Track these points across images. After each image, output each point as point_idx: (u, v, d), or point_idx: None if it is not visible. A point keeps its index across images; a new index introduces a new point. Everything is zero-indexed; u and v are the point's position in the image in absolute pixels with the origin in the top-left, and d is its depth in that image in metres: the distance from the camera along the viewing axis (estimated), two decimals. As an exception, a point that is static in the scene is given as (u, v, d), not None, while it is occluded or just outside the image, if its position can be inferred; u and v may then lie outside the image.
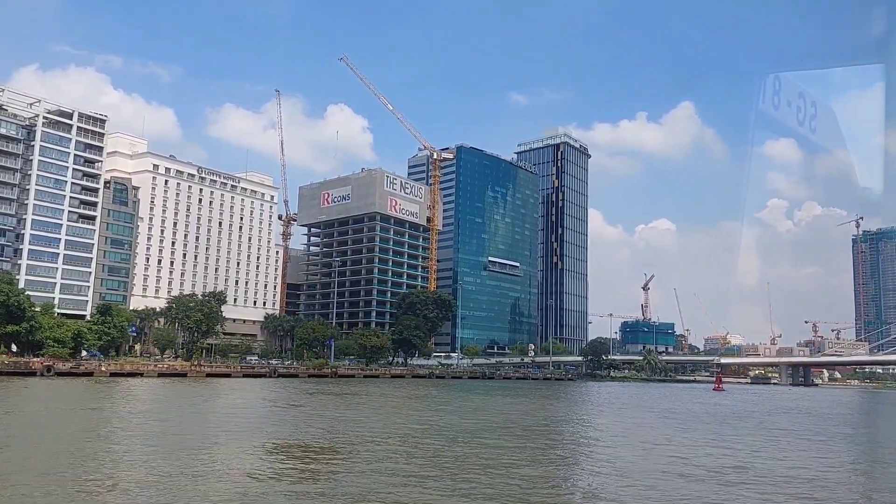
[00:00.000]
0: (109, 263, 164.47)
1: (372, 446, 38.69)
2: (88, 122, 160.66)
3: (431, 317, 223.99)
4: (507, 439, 44.26)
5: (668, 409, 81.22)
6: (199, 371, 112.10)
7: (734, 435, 52.88)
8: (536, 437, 48.52)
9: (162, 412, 58.06)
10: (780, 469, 34.96)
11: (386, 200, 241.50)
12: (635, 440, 48.12)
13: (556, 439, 49.11)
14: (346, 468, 31.22)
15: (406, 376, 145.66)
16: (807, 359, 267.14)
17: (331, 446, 38.15)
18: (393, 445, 39.95)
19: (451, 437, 44.44)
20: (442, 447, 39.31)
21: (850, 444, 52.08)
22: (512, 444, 42.03)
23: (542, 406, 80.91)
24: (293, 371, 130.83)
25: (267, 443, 38.81)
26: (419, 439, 42.64)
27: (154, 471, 28.67)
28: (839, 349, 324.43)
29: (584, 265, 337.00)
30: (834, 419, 76.16)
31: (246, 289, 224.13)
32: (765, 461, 38.18)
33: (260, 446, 37.31)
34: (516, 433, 48.98)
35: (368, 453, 35.63)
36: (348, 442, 40.15)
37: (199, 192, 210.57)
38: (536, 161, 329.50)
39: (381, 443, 40.62)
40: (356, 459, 33.71)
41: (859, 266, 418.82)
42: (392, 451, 37.28)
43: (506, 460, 34.80)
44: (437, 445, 40.03)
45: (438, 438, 43.58)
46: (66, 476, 26.62)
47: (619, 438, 49.77)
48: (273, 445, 37.86)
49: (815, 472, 33.97)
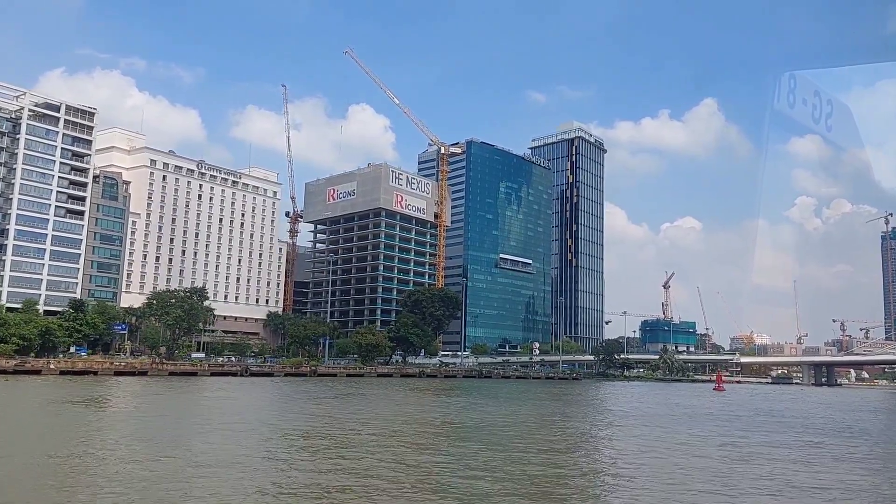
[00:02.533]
0: (98, 259, 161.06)
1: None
2: (76, 115, 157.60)
3: (437, 314, 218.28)
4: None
5: (630, 409, 74.48)
6: (160, 369, 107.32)
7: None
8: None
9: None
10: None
11: (391, 196, 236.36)
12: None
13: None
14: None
15: (394, 375, 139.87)
16: (829, 358, 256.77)
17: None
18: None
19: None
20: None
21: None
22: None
23: (474, 407, 72.83)
24: (268, 370, 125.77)
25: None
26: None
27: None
28: (867, 348, 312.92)
29: (600, 262, 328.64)
30: (806, 426, 63.57)
31: (248, 286, 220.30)
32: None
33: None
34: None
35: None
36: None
37: (198, 187, 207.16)
38: (551, 156, 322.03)
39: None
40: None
41: (888, 263, 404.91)
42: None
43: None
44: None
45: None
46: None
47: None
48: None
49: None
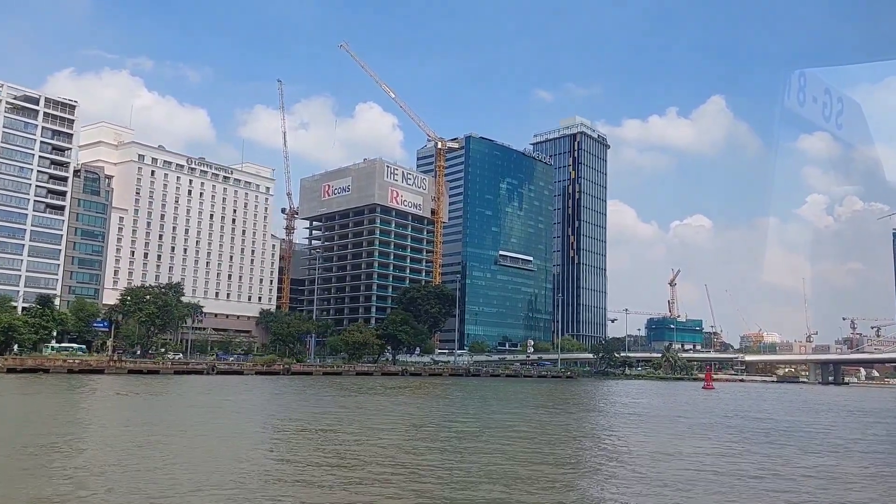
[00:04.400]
0: (79, 255, 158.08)
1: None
2: (57, 108, 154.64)
3: (433, 312, 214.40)
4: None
5: (595, 407, 69.97)
6: (119, 367, 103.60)
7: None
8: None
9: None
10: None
11: (386, 192, 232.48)
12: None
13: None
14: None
15: (374, 373, 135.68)
16: (835, 356, 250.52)
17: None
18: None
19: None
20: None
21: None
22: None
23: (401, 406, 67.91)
24: (237, 368, 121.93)
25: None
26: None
27: None
28: (878, 346, 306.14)
29: (603, 259, 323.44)
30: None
31: (240, 283, 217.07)
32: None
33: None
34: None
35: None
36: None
37: (188, 183, 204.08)
38: (553, 152, 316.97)
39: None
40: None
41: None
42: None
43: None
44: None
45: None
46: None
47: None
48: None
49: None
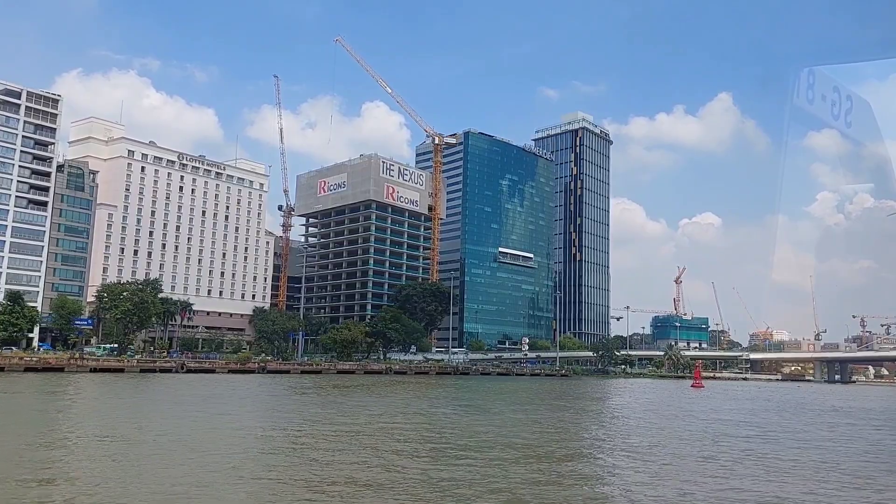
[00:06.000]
0: (63, 252, 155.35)
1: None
2: (39, 102, 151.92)
3: (429, 310, 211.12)
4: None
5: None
6: (80, 365, 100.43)
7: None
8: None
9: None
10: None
11: (382, 188, 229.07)
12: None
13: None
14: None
15: (357, 372, 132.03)
16: (841, 354, 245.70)
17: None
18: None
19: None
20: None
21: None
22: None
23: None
24: (208, 366, 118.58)
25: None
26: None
27: None
28: (888, 344, 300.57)
29: (606, 257, 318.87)
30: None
31: (233, 281, 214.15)
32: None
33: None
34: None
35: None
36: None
37: (179, 179, 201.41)
38: (554, 148, 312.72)
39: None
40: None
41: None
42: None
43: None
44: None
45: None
46: None
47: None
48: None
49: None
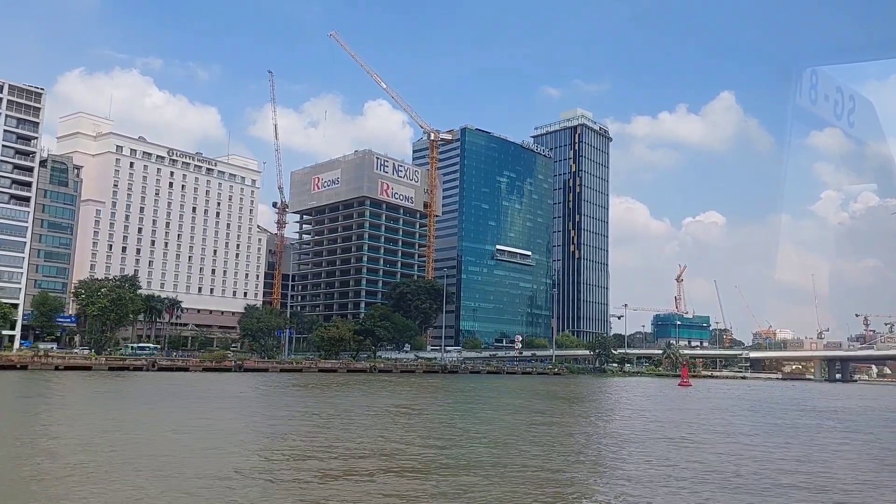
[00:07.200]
0: (46, 248, 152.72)
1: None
2: (22, 95, 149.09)
3: (424, 308, 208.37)
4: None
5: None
6: (45, 363, 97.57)
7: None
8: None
9: None
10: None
11: (376, 184, 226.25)
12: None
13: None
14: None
15: (340, 370, 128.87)
16: (842, 352, 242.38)
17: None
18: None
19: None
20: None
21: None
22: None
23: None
24: (182, 364, 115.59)
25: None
26: None
27: None
28: (891, 343, 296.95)
29: (605, 254, 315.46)
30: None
31: (224, 278, 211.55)
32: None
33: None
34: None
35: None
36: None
37: (169, 175, 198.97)
38: (553, 145, 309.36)
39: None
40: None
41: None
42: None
43: None
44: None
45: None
46: None
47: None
48: None
49: None
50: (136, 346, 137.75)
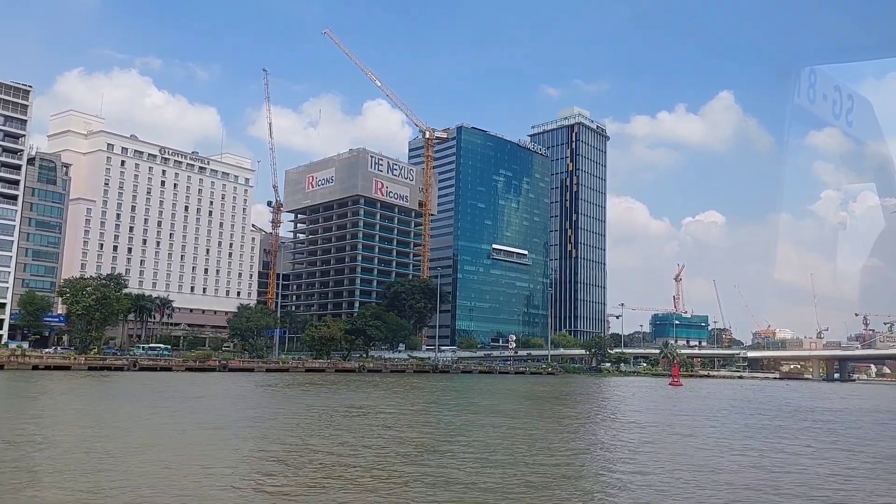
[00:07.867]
0: (34, 247, 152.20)
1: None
2: (9, 93, 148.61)
3: (418, 307, 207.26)
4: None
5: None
6: (21, 363, 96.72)
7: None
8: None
9: None
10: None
11: (371, 183, 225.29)
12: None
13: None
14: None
15: (327, 370, 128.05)
16: (840, 352, 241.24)
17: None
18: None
19: None
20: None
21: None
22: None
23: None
24: (164, 364, 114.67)
25: None
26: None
27: None
28: (891, 342, 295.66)
29: (602, 254, 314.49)
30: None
31: (217, 278, 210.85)
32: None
33: None
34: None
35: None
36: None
37: (161, 173, 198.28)
38: (550, 144, 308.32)
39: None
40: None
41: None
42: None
43: None
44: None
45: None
46: None
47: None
48: None
49: None
50: (147, 347, 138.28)
